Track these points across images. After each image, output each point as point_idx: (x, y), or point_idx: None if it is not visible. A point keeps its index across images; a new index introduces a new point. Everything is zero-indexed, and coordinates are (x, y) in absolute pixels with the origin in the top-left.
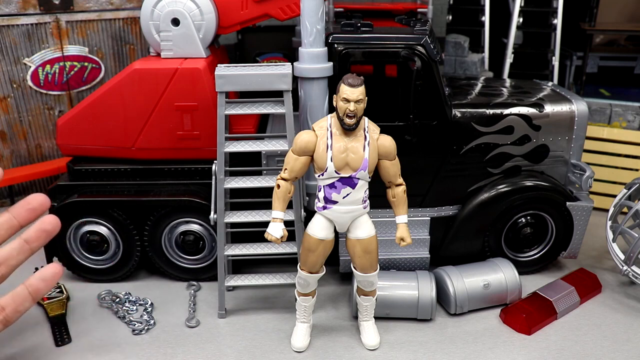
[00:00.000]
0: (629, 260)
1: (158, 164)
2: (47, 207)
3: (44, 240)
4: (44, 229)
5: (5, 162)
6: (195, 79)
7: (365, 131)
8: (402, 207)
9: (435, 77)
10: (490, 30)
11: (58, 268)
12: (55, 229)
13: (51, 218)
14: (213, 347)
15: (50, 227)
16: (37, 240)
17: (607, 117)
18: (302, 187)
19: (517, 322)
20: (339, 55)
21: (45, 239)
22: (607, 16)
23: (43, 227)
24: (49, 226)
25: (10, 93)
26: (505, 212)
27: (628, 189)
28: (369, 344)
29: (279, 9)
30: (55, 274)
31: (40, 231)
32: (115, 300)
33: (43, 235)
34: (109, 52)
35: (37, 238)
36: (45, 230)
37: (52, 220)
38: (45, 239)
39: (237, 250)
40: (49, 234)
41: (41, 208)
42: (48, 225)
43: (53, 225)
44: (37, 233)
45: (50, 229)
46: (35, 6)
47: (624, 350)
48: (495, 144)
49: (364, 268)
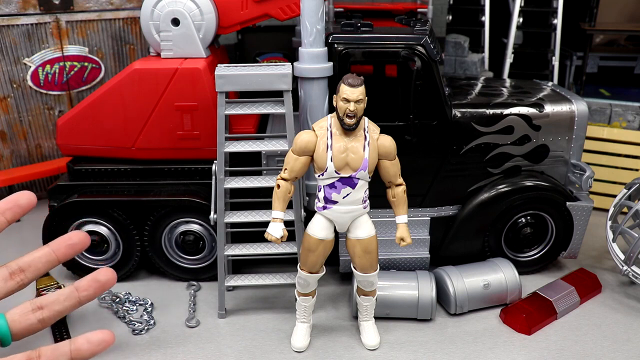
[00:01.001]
0: (629, 260)
1: (158, 164)
2: (87, 243)
3: (95, 292)
4: (97, 280)
5: (5, 162)
6: (195, 79)
7: (365, 131)
8: (402, 207)
9: (435, 77)
10: (490, 30)
11: (109, 337)
12: (109, 282)
13: (106, 270)
14: (213, 347)
15: (104, 279)
16: (88, 289)
17: (607, 117)
18: (302, 187)
19: (517, 322)
20: (339, 55)
21: (97, 289)
22: (607, 16)
23: (97, 277)
24: (103, 277)
25: (10, 93)
26: (505, 212)
27: (628, 189)
28: (369, 344)
29: (279, 9)
30: (103, 341)
31: (93, 281)
32: (115, 300)
33: (95, 285)
34: (109, 52)
35: (88, 287)
36: (99, 281)
37: (107, 272)
38: (97, 290)
39: (237, 250)
40: (102, 285)
41: (81, 245)
42: (102, 277)
43: (108, 278)
44: (89, 282)
45: (104, 280)
46: (35, 6)
47: (624, 350)
48: (495, 144)
49: (364, 268)
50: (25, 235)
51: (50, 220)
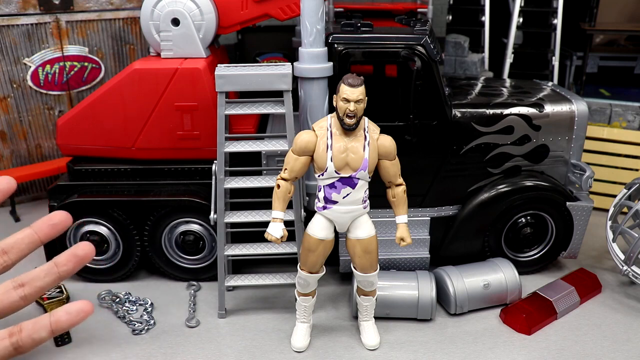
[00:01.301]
0: (629, 260)
1: (158, 164)
2: (69, 223)
3: (74, 266)
4: (75, 254)
5: (5, 162)
6: (195, 79)
7: (365, 131)
8: (402, 207)
9: (435, 77)
10: (490, 30)
11: (88, 306)
12: (87, 256)
13: (85, 245)
14: (213, 347)
15: (82, 253)
16: (67, 264)
17: (607, 117)
18: (302, 187)
19: (517, 322)
20: (339, 55)
21: (76, 264)
22: (607, 16)
23: (75, 252)
24: (81, 252)
25: (10, 93)
26: (505, 212)
27: (628, 189)
28: (369, 344)
29: (279, 9)
30: (82, 311)
31: (72, 255)
32: (115, 300)
33: (74, 260)
34: (109, 52)
35: (67, 262)
36: (77, 255)
37: (85, 246)
38: (75, 264)
39: (237, 250)
40: (80, 259)
41: (62, 225)
42: (80, 251)
43: (85, 252)
44: (67, 257)
45: (82, 254)
46: (35, 6)
47: (624, 350)
48: (495, 144)
49: (364, 268)
50: None
51: None
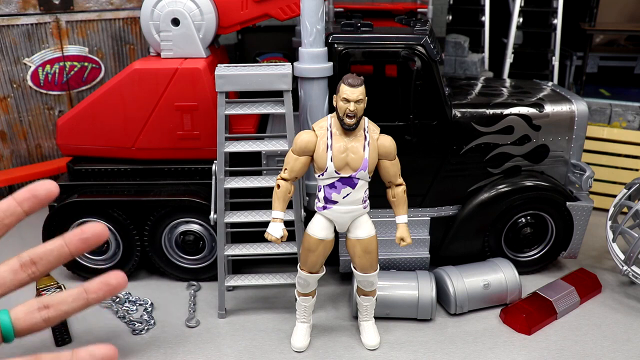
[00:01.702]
0: (629, 260)
1: (158, 164)
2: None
3: (105, 295)
4: (108, 283)
5: (5, 162)
6: (195, 79)
7: (365, 131)
8: (402, 207)
9: (435, 77)
10: (490, 30)
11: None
12: (120, 286)
13: (117, 273)
14: (213, 347)
15: (115, 283)
16: (97, 292)
17: (607, 117)
18: (302, 187)
19: (517, 322)
20: (339, 55)
21: (107, 293)
22: (607, 16)
23: (108, 280)
24: (114, 281)
25: (10, 93)
26: (505, 212)
27: (628, 189)
28: (369, 344)
29: (279, 9)
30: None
31: (104, 284)
32: (115, 300)
33: (105, 289)
34: (109, 52)
35: (98, 290)
36: (110, 284)
37: (118, 275)
38: (106, 293)
39: (237, 250)
40: (112, 289)
41: (95, 239)
42: (113, 281)
43: (118, 282)
44: (99, 285)
45: (114, 284)
46: (35, 6)
47: (624, 350)
48: (495, 144)
49: (364, 268)
50: (25, 235)
51: (50, 220)
